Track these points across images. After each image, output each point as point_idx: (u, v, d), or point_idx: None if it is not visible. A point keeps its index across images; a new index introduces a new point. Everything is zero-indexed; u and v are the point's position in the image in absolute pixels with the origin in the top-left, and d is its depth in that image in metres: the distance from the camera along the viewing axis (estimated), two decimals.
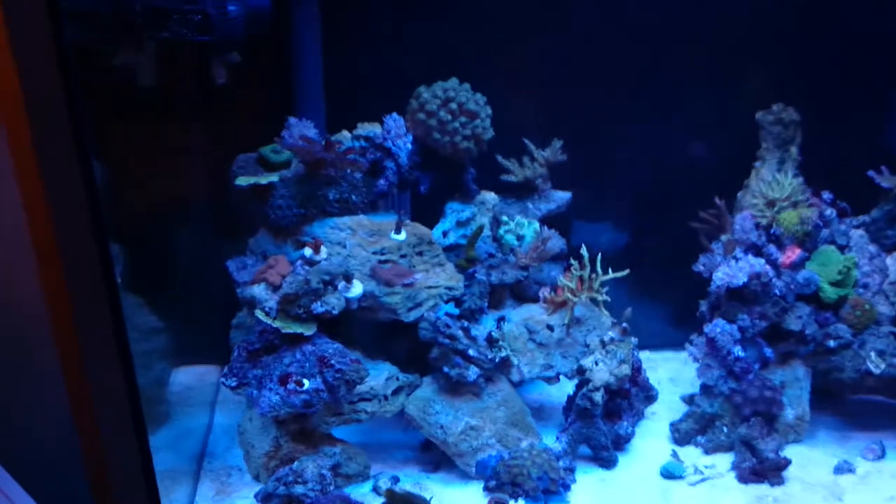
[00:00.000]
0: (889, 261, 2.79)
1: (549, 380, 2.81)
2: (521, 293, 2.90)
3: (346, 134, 2.72)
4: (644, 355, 3.09)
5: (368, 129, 2.67)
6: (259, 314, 2.40)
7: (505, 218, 2.85)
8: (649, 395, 2.98)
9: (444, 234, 2.78)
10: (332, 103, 2.79)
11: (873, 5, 3.02)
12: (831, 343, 2.71)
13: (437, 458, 2.79)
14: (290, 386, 2.45)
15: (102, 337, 1.70)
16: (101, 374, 1.71)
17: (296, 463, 2.51)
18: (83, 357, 1.63)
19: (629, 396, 2.85)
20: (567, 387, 2.90)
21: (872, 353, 2.68)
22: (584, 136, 3.05)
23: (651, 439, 2.93)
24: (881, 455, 2.81)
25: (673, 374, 3.31)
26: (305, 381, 2.45)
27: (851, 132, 3.03)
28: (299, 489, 2.43)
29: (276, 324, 2.44)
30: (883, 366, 2.67)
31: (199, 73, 2.73)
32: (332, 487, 2.47)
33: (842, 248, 2.84)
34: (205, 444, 2.92)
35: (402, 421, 2.90)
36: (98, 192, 1.58)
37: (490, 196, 2.89)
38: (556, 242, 2.84)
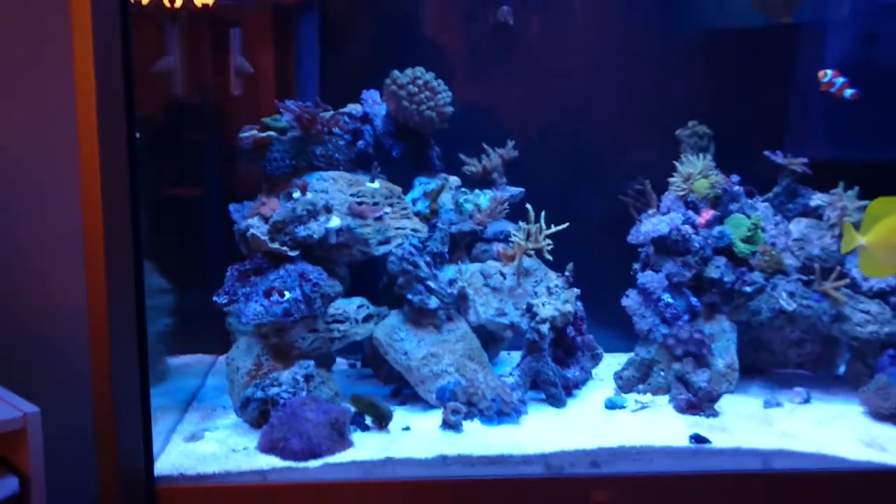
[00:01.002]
0: (792, 225, 3.27)
1: (503, 328, 3.16)
2: (479, 258, 3.33)
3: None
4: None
5: (350, 107, 3.25)
6: (252, 231, 2.82)
7: (464, 190, 3.35)
8: (595, 354, 3.31)
9: (413, 202, 3.24)
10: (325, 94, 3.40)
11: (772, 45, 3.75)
12: (747, 289, 3.11)
13: (403, 400, 3.10)
14: (274, 297, 2.82)
15: (125, 288, 2.28)
16: (120, 319, 2.26)
17: (273, 373, 2.83)
18: (108, 304, 2.22)
19: (575, 346, 3.19)
20: None
21: (784, 293, 3.07)
22: (535, 140, 3.66)
23: (598, 391, 3.23)
24: (806, 399, 3.11)
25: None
26: (286, 293, 2.82)
27: (758, 144, 3.62)
28: (274, 390, 2.74)
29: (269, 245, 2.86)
30: (794, 304, 3.05)
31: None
32: (304, 392, 2.77)
33: None
34: (195, 394, 3.22)
35: (374, 380, 3.25)
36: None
37: (453, 178, 3.41)
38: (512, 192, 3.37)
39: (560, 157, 3.71)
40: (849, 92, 3.17)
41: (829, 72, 3.22)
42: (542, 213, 3.15)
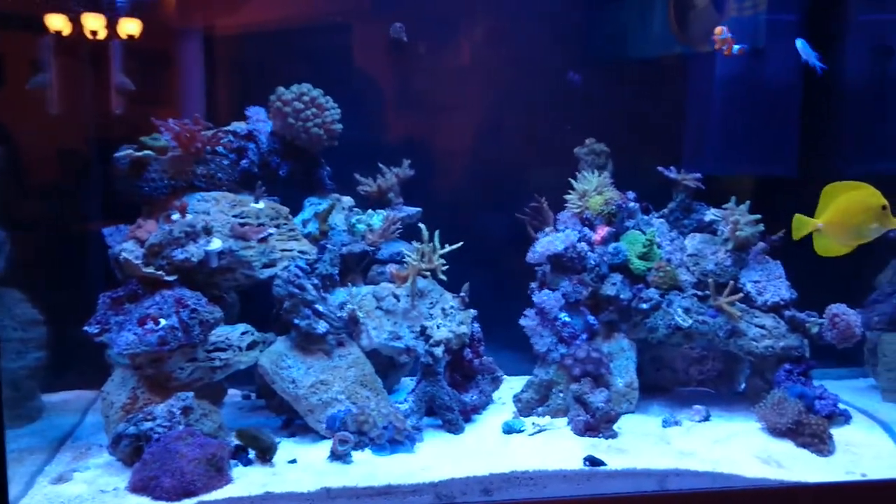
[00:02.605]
0: (687, 241, 3.26)
1: (399, 352, 3.05)
2: (375, 281, 3.22)
3: None
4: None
5: (235, 125, 3.11)
6: (125, 255, 2.65)
7: (357, 211, 3.24)
8: (495, 377, 3.22)
9: (304, 223, 3.12)
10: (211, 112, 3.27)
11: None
12: (644, 305, 3.07)
13: (294, 431, 2.95)
14: (148, 325, 2.65)
15: None
16: None
17: (149, 407, 2.66)
18: None
19: (473, 369, 3.10)
20: None
21: (679, 309, 3.04)
22: (434, 158, 3.59)
23: (497, 415, 3.14)
24: (706, 417, 3.08)
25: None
26: (162, 320, 2.65)
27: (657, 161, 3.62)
28: (147, 425, 2.56)
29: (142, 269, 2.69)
30: (690, 320, 3.02)
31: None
32: (181, 426, 2.60)
33: None
34: (71, 432, 3.01)
35: (265, 411, 3.10)
36: None
37: (346, 198, 3.30)
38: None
39: (460, 175, 3.66)
40: (736, 47, 3.17)
41: (724, 28, 3.19)
42: (436, 233, 3.07)
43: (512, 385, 3.35)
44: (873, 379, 3.52)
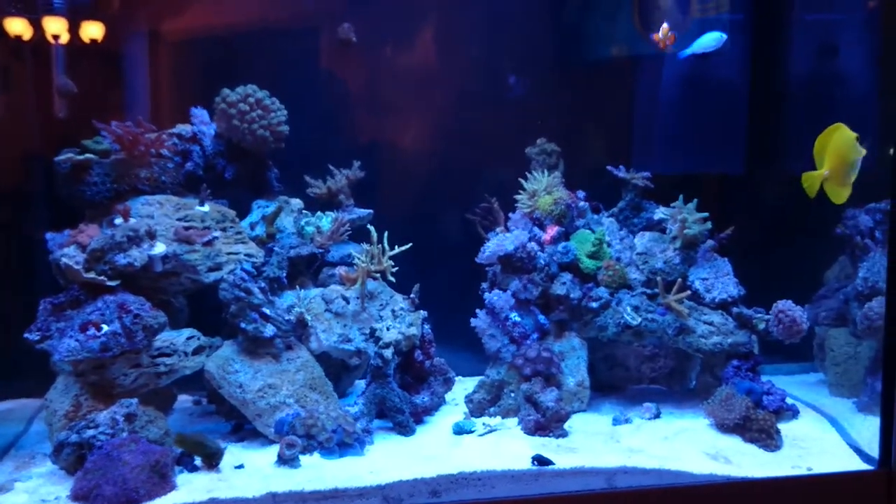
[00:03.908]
0: (636, 239, 3.28)
1: (349, 355, 3.03)
2: (325, 283, 3.19)
3: None
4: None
5: (180, 127, 3.07)
6: (65, 261, 2.60)
7: (306, 213, 3.21)
8: (448, 378, 3.21)
9: (252, 226, 3.09)
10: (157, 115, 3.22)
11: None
12: (593, 304, 3.08)
13: (243, 436, 2.92)
14: (90, 331, 2.60)
15: None
16: None
17: (91, 414, 2.61)
18: None
19: (424, 370, 3.09)
20: None
21: (628, 308, 3.06)
22: (385, 160, 3.58)
23: (450, 416, 3.13)
24: (656, 415, 3.10)
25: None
26: (104, 326, 2.61)
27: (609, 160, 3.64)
28: (90, 432, 2.51)
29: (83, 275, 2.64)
30: (639, 319, 3.04)
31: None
32: (124, 433, 2.56)
33: None
34: (14, 442, 2.94)
35: (216, 416, 3.06)
36: None
37: (295, 200, 3.28)
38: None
39: (411, 176, 3.64)
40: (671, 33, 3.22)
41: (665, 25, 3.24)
42: (385, 235, 3.06)
43: (466, 386, 3.34)
44: (822, 374, 3.58)
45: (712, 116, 3.58)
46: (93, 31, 3.08)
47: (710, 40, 3.22)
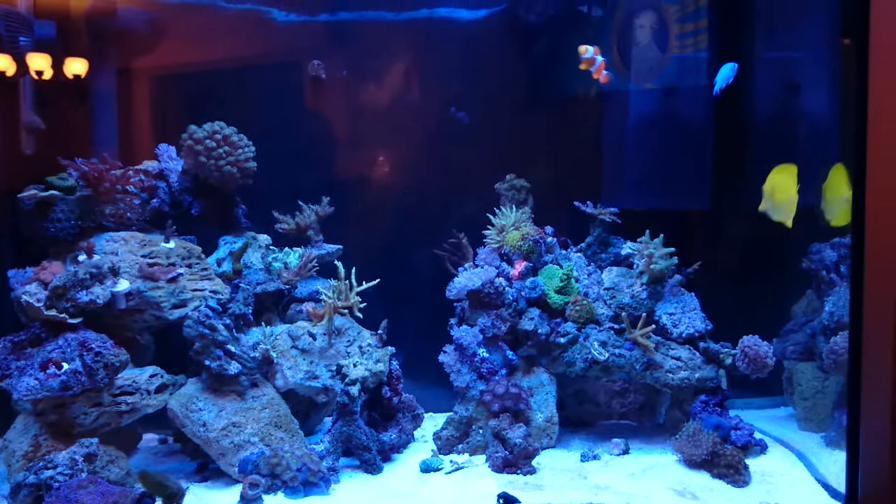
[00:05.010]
0: (604, 275, 3.29)
1: (316, 392, 3.00)
2: (293, 319, 3.17)
3: None
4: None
5: (146, 164, 3.08)
6: (26, 298, 2.57)
7: (274, 249, 3.20)
8: (416, 415, 3.19)
9: (218, 262, 3.07)
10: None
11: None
12: (561, 339, 3.08)
13: (207, 476, 2.88)
14: (50, 370, 2.57)
15: None
16: None
17: (50, 455, 2.56)
18: None
19: (392, 407, 3.06)
20: None
21: (596, 343, 3.05)
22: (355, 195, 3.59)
23: (418, 454, 3.11)
24: (625, 451, 3.08)
25: None
26: (64, 364, 2.57)
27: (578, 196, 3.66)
28: (47, 473, 2.46)
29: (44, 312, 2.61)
30: (606, 354, 3.03)
31: None
32: (83, 474, 2.51)
33: None
34: None
35: (181, 455, 3.02)
36: None
37: (263, 236, 3.27)
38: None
39: (381, 211, 3.65)
40: (605, 73, 3.18)
41: (590, 48, 3.18)
42: (353, 270, 3.05)
43: (436, 422, 3.32)
44: (791, 408, 3.58)
45: (679, 152, 3.62)
46: (61, 67, 3.09)
47: (730, 70, 3.22)
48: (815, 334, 3.29)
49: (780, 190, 2.90)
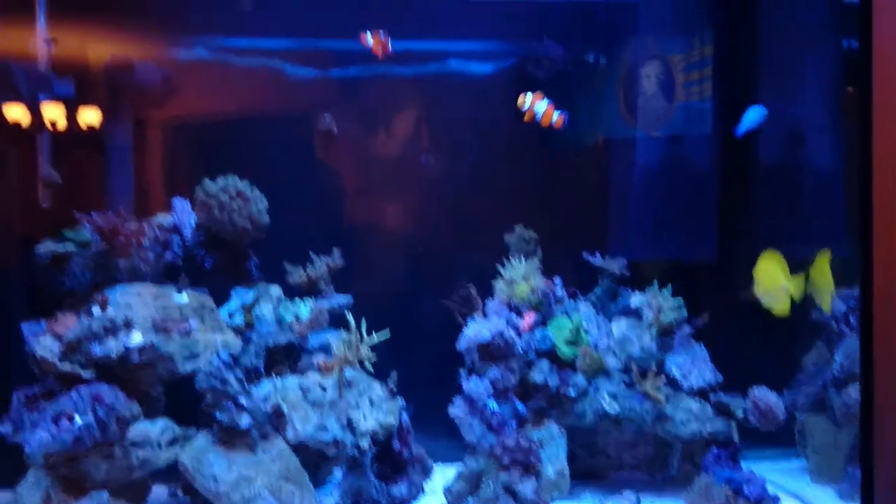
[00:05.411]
0: (613, 326, 3.30)
1: (326, 445, 2.99)
2: (304, 371, 3.17)
3: None
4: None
5: (161, 217, 3.12)
6: (41, 352, 2.59)
7: (285, 300, 3.23)
8: (426, 467, 3.18)
9: (230, 314, 3.10)
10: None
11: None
12: (571, 392, 3.08)
13: None
14: (63, 423, 2.58)
15: None
16: None
17: None
18: None
19: (402, 460, 3.05)
20: None
21: (606, 395, 3.05)
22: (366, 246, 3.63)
23: None
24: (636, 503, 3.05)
25: None
26: (77, 418, 2.59)
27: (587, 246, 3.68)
28: None
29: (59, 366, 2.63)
30: (617, 406, 3.03)
31: None
32: None
33: None
34: None
35: None
36: None
37: (274, 288, 3.29)
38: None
39: (391, 261, 3.69)
40: (556, 115, 3.16)
41: (528, 98, 3.16)
42: (363, 322, 3.07)
43: (447, 474, 3.29)
44: (804, 460, 3.55)
45: (685, 202, 3.66)
46: (78, 119, 3.17)
47: (757, 114, 3.22)
48: (827, 386, 3.28)
49: (767, 280, 2.93)
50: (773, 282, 2.91)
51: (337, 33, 3.66)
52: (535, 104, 3.10)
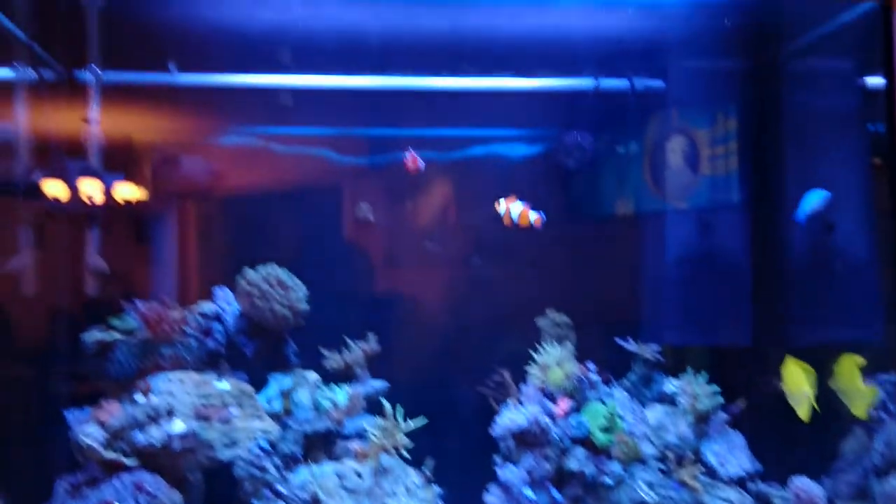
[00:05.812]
0: (648, 412, 3.28)
1: None
2: (339, 457, 3.19)
3: None
4: None
5: (203, 305, 3.21)
6: (86, 440, 2.64)
7: (322, 386, 3.26)
8: None
9: (269, 401, 3.14)
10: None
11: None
12: (608, 480, 3.05)
13: None
14: None
15: None
16: None
17: None
18: None
19: None
20: None
21: (643, 483, 3.02)
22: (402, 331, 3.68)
23: None
24: None
25: None
26: None
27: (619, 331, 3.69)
28: None
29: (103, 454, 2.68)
30: (654, 495, 3.00)
31: None
32: None
33: None
34: None
35: None
36: None
37: (311, 373, 3.34)
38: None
39: (425, 348, 3.74)
40: (533, 216, 3.24)
41: (502, 202, 3.25)
42: (399, 409, 3.09)
43: None
44: None
45: (716, 283, 3.68)
46: (125, 210, 3.31)
47: (821, 199, 3.27)
48: (868, 474, 3.24)
49: (791, 383, 2.99)
50: (796, 386, 2.93)
51: (375, 123, 3.83)
52: (510, 207, 3.23)
